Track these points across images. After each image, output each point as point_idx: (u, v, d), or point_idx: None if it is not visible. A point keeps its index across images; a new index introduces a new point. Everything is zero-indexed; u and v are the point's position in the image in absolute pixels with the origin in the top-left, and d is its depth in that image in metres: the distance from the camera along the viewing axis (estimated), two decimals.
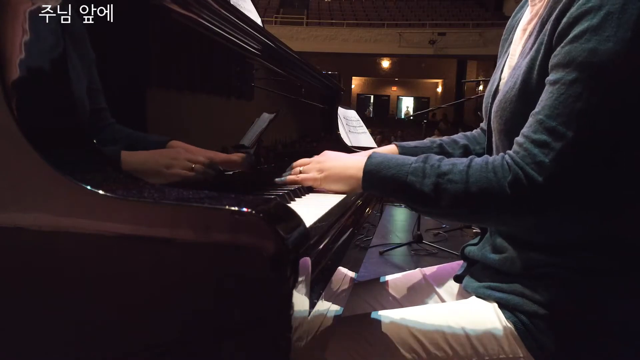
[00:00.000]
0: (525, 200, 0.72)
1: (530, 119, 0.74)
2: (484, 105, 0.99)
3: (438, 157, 0.80)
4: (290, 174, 0.97)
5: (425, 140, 1.20)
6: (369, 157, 0.84)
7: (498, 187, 0.72)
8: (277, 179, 0.99)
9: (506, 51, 0.98)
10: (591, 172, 0.71)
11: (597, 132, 0.70)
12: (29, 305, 0.47)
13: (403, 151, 1.15)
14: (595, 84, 0.69)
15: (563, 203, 0.73)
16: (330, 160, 0.94)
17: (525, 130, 0.75)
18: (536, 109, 0.74)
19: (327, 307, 0.60)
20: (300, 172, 0.96)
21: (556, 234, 0.81)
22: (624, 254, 0.78)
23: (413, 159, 0.80)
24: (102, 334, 0.46)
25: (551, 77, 0.73)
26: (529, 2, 0.90)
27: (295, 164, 1.00)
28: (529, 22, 0.89)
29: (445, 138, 1.19)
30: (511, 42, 0.97)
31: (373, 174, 0.82)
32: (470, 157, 0.79)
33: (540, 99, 0.74)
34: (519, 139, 0.75)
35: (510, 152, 0.75)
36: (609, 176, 0.74)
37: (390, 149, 1.17)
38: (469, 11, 19.81)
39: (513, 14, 1.03)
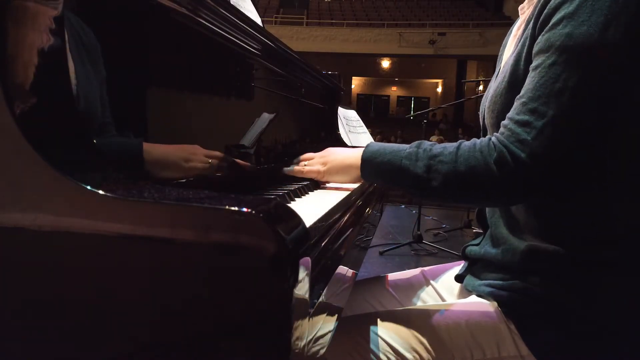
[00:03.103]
0: (511, 176, 0.75)
1: (515, 103, 0.79)
2: (480, 109, 1.01)
3: (430, 142, 0.84)
4: (297, 166, 1.04)
5: None
6: (366, 146, 0.89)
7: (484, 165, 0.76)
8: (285, 169, 1.05)
9: (500, 61, 1.02)
10: (575, 149, 0.74)
11: (577, 110, 0.73)
12: (29, 305, 0.47)
13: None
14: (571, 66, 0.73)
15: (549, 179, 0.75)
16: (332, 154, 1.01)
17: (510, 113, 0.79)
18: (520, 94, 0.78)
19: (327, 307, 0.60)
20: (306, 166, 1.03)
21: (552, 219, 0.82)
22: (623, 245, 0.79)
23: (407, 145, 0.85)
24: (102, 334, 0.46)
25: (533, 63, 0.78)
26: (519, 11, 0.95)
27: (302, 157, 1.06)
28: (518, 29, 0.94)
29: None
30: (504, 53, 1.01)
31: (370, 161, 0.87)
32: (459, 140, 0.82)
33: (524, 84, 0.78)
34: (504, 121, 0.79)
35: (497, 133, 0.79)
36: (596, 154, 0.77)
37: None
38: (469, 11, 19.79)
39: (508, 32, 1.05)
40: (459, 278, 1.01)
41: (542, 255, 0.81)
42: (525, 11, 0.92)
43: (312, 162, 1.02)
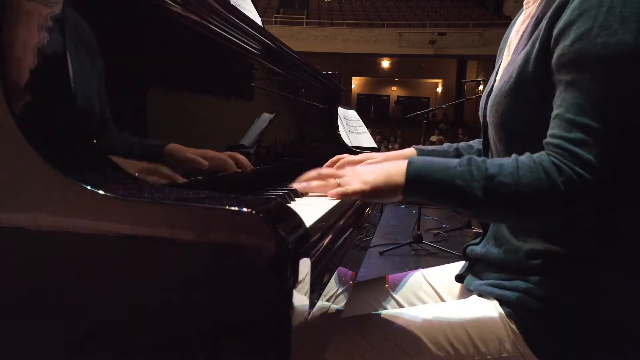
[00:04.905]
0: (582, 198, 0.72)
1: (557, 121, 0.75)
2: (480, 105, 1.00)
3: (480, 158, 0.78)
4: (335, 189, 0.84)
5: (443, 145, 1.21)
6: (410, 163, 0.79)
7: (553, 187, 0.71)
8: (327, 194, 0.86)
9: (501, 56, 1.01)
10: (633, 159, 0.72)
11: (627, 120, 0.71)
12: (29, 305, 0.47)
13: (421, 154, 1.15)
14: (614, 75, 0.71)
15: (618, 194, 0.73)
16: (369, 169, 0.87)
17: (555, 131, 0.74)
18: (558, 111, 0.74)
19: (327, 307, 0.60)
20: (339, 185, 0.85)
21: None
22: (625, 246, 0.79)
23: (455, 161, 0.77)
24: (101, 334, 0.46)
25: (565, 76, 0.74)
26: (524, 5, 0.94)
27: (322, 170, 0.93)
28: (522, 24, 0.92)
29: (462, 143, 1.21)
30: (505, 48, 1.00)
31: (417, 180, 0.78)
32: (514, 156, 0.77)
33: (559, 100, 0.75)
34: (551, 140, 0.75)
35: (552, 153, 0.74)
36: None
37: (410, 152, 1.16)
38: (469, 11, 19.77)
39: (510, 25, 1.05)
40: (459, 278, 1.01)
41: (545, 256, 0.81)
42: (530, 6, 0.91)
43: (346, 181, 0.84)
